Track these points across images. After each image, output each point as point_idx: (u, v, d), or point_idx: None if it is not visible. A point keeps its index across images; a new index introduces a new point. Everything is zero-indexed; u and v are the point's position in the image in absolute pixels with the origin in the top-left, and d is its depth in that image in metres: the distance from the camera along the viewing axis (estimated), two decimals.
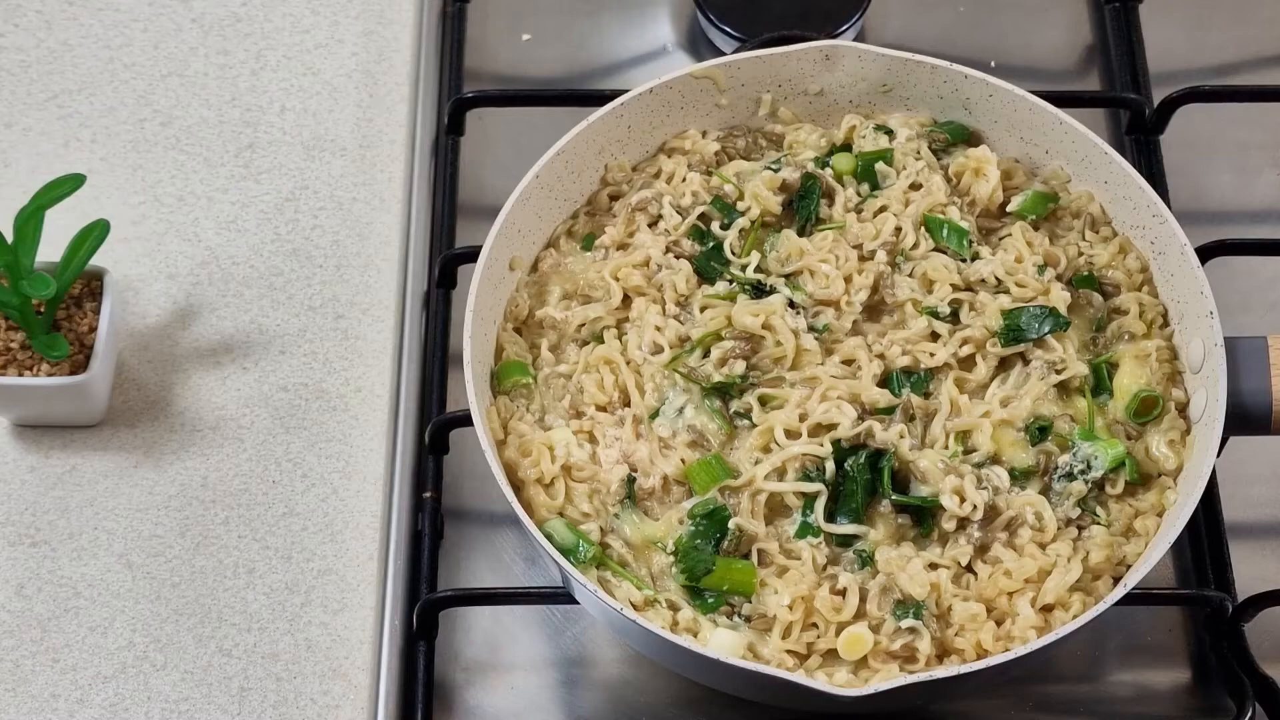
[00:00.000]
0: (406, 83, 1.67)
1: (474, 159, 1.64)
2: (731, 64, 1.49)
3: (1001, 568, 1.30)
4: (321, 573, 1.43)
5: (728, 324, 1.38)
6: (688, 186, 1.46)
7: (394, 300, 1.56)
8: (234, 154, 1.63)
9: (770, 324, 1.37)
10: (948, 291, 1.40)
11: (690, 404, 1.36)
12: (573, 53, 1.74)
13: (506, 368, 1.40)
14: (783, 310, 1.38)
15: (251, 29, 1.70)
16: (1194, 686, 1.43)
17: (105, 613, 1.41)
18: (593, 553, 1.31)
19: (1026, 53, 1.74)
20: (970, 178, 1.47)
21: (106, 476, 1.47)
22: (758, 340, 1.37)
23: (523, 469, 1.34)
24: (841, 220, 1.44)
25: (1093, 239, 1.45)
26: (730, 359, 1.36)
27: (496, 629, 1.43)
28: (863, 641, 1.28)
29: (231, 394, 1.50)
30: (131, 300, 1.55)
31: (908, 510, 1.32)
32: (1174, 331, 1.41)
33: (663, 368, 1.37)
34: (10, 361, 1.44)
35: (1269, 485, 1.51)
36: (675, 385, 1.37)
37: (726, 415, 1.35)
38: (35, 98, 1.65)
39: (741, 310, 1.38)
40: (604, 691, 1.42)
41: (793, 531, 1.32)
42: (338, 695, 1.38)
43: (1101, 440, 1.34)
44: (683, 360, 1.37)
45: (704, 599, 1.30)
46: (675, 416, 1.35)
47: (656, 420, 1.35)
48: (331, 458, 1.48)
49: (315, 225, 1.59)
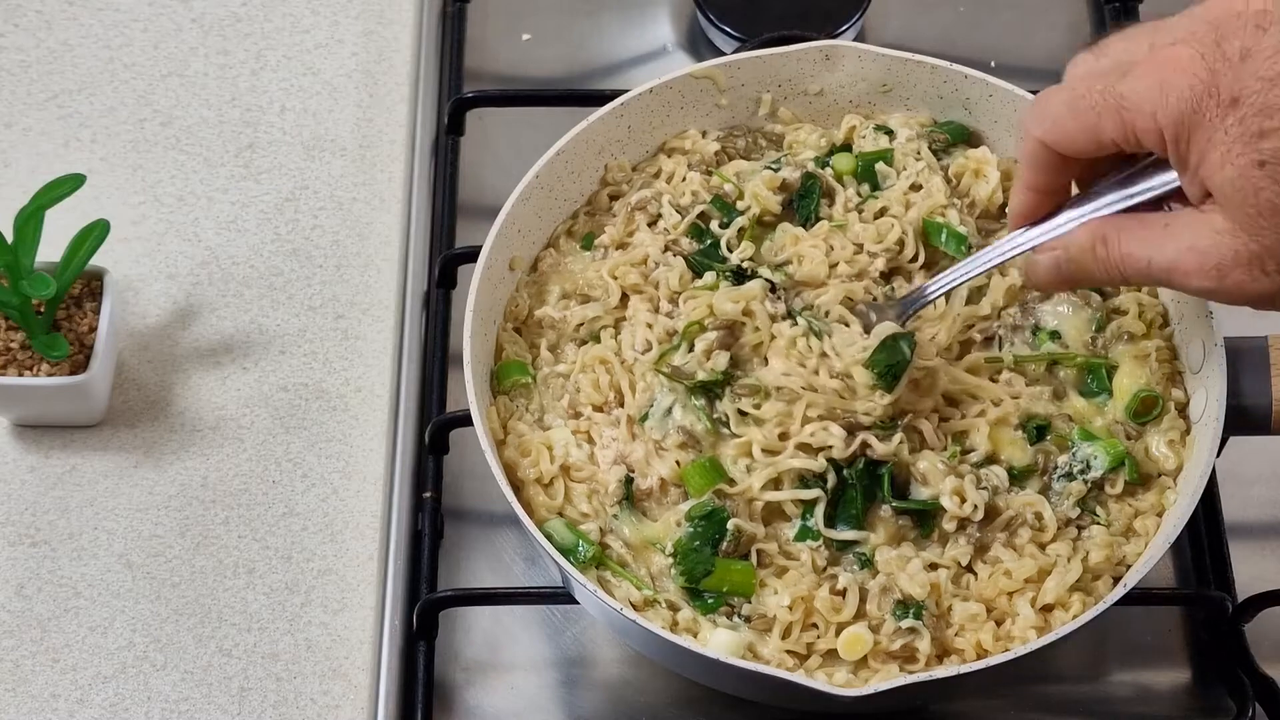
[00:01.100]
0: (406, 83, 1.67)
1: (474, 159, 1.64)
2: (731, 64, 1.49)
3: (1001, 568, 1.30)
4: (321, 573, 1.43)
5: (710, 313, 1.37)
6: (687, 186, 1.46)
7: (394, 300, 1.56)
8: (234, 154, 1.63)
9: (750, 309, 1.36)
10: None
11: (678, 404, 1.35)
12: (573, 53, 1.74)
13: (506, 367, 1.40)
14: (762, 295, 1.37)
15: (251, 29, 1.70)
16: (1194, 686, 1.43)
17: (105, 613, 1.41)
18: (592, 553, 1.31)
19: (1026, 53, 1.74)
20: (970, 179, 1.47)
21: (106, 476, 1.47)
22: (738, 327, 1.37)
23: (522, 469, 1.34)
24: (843, 220, 1.44)
25: None
26: (715, 350, 1.36)
27: (496, 629, 1.43)
28: (862, 641, 1.27)
29: (231, 394, 1.51)
30: (131, 300, 1.55)
31: (908, 512, 1.32)
32: (1174, 331, 1.41)
33: (650, 368, 1.36)
34: (10, 361, 1.44)
35: (1269, 485, 1.51)
36: (662, 386, 1.36)
37: (711, 416, 1.35)
38: (35, 98, 1.65)
39: (722, 297, 1.37)
40: (604, 691, 1.42)
41: (792, 535, 1.32)
42: (338, 695, 1.38)
43: (1101, 440, 1.34)
44: (668, 359, 1.36)
45: (703, 599, 1.30)
46: (664, 417, 1.35)
47: (647, 422, 1.35)
48: (331, 458, 1.48)
49: (315, 225, 1.59)
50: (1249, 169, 1.06)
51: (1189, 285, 1.13)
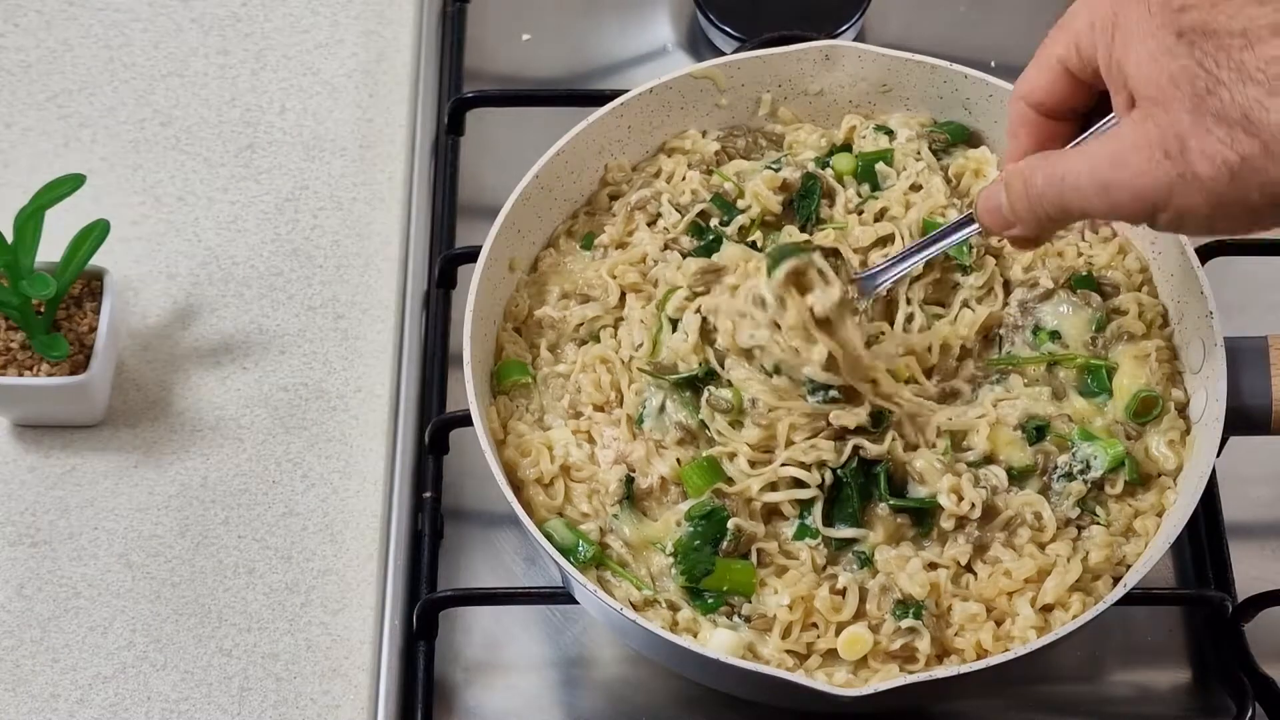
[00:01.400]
0: (406, 83, 1.67)
1: (474, 159, 1.64)
2: (731, 64, 1.49)
3: (1001, 567, 1.30)
4: (321, 573, 1.43)
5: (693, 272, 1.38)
6: (687, 185, 1.46)
7: (394, 300, 1.56)
8: (234, 154, 1.63)
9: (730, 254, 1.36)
10: None
11: (668, 400, 1.35)
12: (573, 53, 1.74)
13: (506, 367, 1.40)
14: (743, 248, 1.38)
15: (251, 29, 1.70)
16: (1194, 686, 1.43)
17: (105, 613, 1.41)
18: (592, 553, 1.31)
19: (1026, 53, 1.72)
20: (970, 179, 1.47)
21: (106, 476, 1.47)
22: (715, 272, 1.36)
23: (522, 469, 1.34)
24: (843, 221, 1.44)
25: (1092, 239, 1.45)
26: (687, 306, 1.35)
27: (496, 629, 1.43)
28: (862, 641, 1.27)
29: (231, 394, 1.51)
30: (131, 300, 1.55)
31: (906, 510, 1.32)
32: (1174, 331, 1.41)
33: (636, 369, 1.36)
34: (10, 361, 1.44)
35: (1269, 485, 1.51)
36: (650, 386, 1.36)
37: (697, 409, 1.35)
38: (35, 98, 1.65)
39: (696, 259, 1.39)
40: (604, 691, 1.42)
41: (791, 534, 1.32)
42: (338, 695, 1.38)
43: (1101, 440, 1.34)
44: (658, 352, 1.36)
45: (703, 599, 1.30)
46: (659, 416, 1.35)
47: (644, 424, 1.35)
48: (331, 458, 1.48)
49: (315, 225, 1.59)
50: (1167, 40, 1.06)
51: (1086, 192, 1.11)
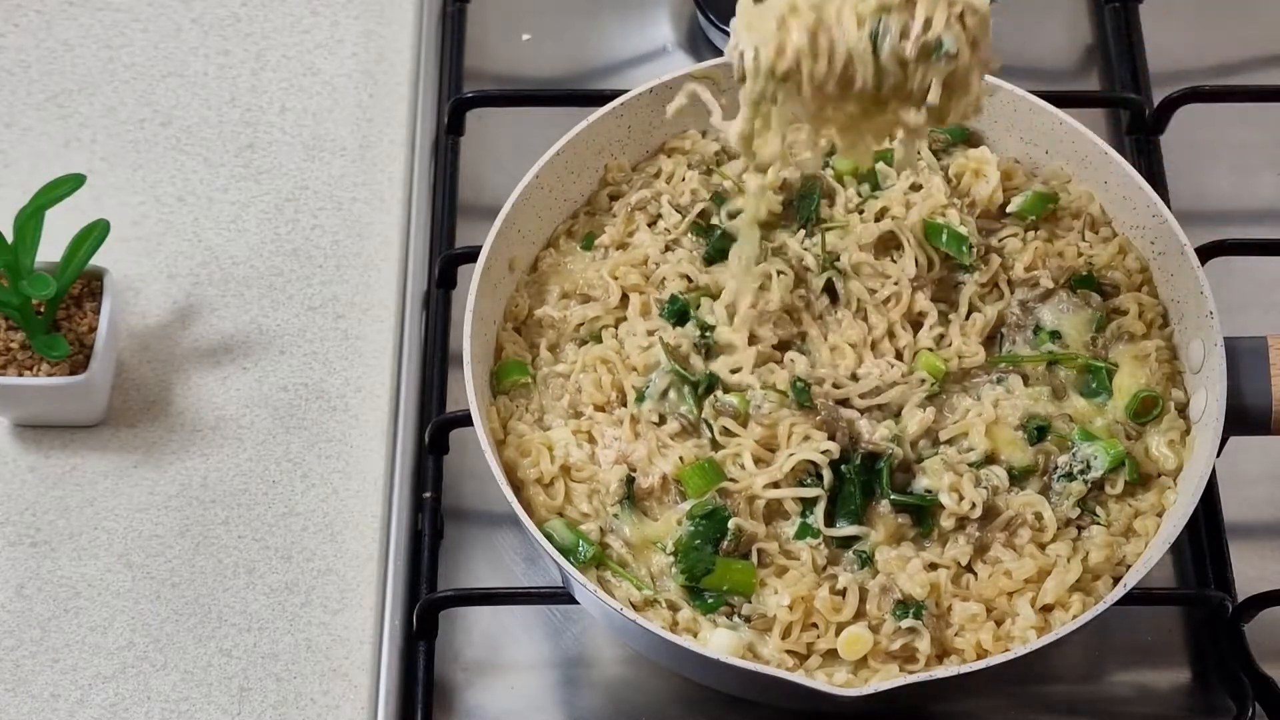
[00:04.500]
0: (406, 83, 1.67)
1: (474, 159, 1.64)
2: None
3: (1001, 568, 1.30)
4: (321, 573, 1.43)
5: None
6: (687, 185, 1.46)
7: (394, 300, 1.56)
8: (234, 154, 1.63)
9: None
10: None
11: (673, 388, 1.35)
12: (573, 53, 1.74)
13: (506, 367, 1.40)
14: None
15: (251, 29, 1.70)
16: (1194, 686, 1.43)
17: (105, 613, 1.41)
18: (592, 553, 1.31)
19: (1026, 53, 1.74)
20: (970, 178, 1.47)
21: (106, 476, 1.47)
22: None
23: (522, 469, 1.34)
24: (844, 221, 1.44)
25: (1092, 239, 1.45)
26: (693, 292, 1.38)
27: (496, 629, 1.43)
28: (862, 641, 1.28)
29: (231, 394, 1.51)
30: (131, 300, 1.55)
31: (907, 510, 1.32)
32: (1174, 331, 1.41)
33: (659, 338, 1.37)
34: (10, 361, 1.44)
35: (1269, 485, 1.51)
36: (658, 367, 1.36)
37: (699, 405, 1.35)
38: (35, 98, 1.65)
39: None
40: (604, 691, 1.42)
41: (792, 533, 1.32)
42: (338, 695, 1.38)
43: (1101, 440, 1.34)
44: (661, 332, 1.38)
45: (704, 599, 1.30)
46: (660, 398, 1.35)
47: (644, 403, 1.35)
48: (331, 458, 1.48)
49: (315, 225, 1.59)
50: None
51: None
